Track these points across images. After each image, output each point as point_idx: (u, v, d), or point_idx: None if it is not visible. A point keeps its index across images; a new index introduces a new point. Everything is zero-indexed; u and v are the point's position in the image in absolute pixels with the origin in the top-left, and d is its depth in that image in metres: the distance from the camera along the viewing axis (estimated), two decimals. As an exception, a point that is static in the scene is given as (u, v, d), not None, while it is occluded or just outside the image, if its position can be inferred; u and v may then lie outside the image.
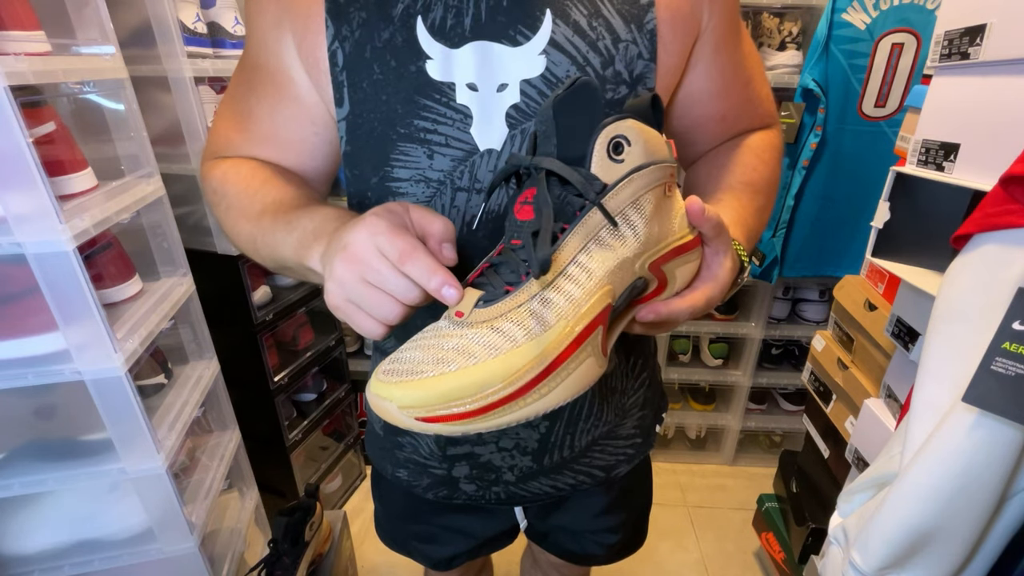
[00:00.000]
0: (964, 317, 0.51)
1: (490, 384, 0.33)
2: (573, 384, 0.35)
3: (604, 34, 0.49)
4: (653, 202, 0.40)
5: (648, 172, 0.39)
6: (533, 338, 0.34)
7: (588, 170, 0.37)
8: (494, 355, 0.33)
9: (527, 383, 0.33)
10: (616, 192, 0.38)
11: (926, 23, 1.26)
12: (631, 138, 0.38)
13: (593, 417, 0.63)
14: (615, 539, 0.75)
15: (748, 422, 1.87)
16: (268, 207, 0.51)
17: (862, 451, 0.96)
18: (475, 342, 0.34)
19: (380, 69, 0.49)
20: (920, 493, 0.49)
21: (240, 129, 0.58)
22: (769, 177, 0.59)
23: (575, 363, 0.35)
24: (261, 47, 0.54)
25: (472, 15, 0.48)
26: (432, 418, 0.33)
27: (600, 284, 0.36)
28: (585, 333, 0.35)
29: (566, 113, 0.38)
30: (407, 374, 0.34)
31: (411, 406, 0.33)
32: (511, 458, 0.63)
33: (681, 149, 0.64)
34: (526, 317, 0.35)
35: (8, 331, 0.76)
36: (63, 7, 0.84)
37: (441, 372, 0.33)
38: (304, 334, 1.59)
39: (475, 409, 0.33)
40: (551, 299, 0.35)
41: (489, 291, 0.36)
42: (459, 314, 0.36)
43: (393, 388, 0.33)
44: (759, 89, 0.61)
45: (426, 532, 0.75)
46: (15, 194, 0.68)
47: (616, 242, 0.38)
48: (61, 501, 0.94)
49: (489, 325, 0.35)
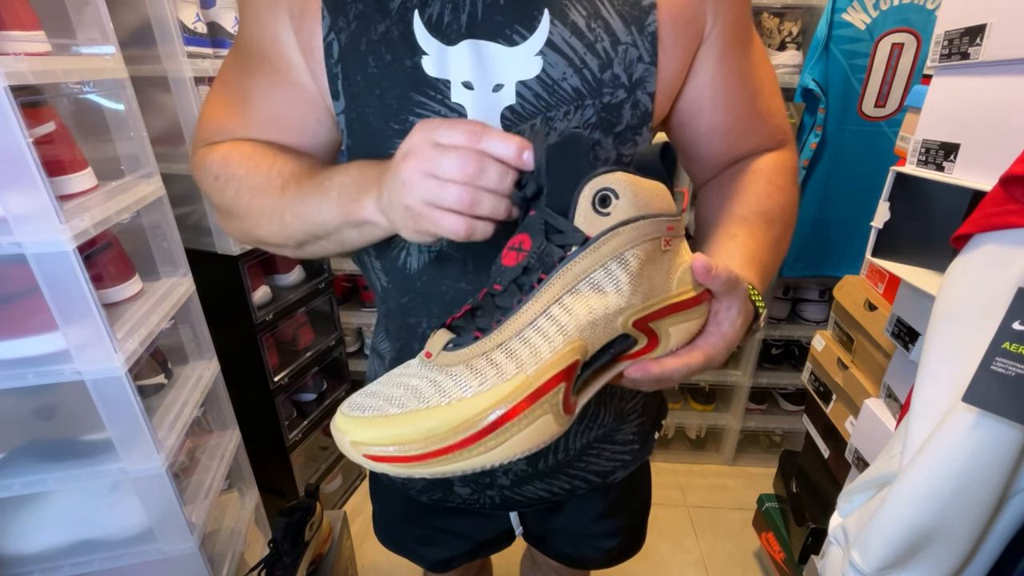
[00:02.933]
0: (964, 317, 0.51)
1: (437, 430, 0.32)
2: (525, 440, 0.34)
3: (603, 36, 0.47)
4: (642, 257, 0.38)
5: (637, 226, 0.37)
6: (489, 388, 0.33)
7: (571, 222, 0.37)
8: (446, 401, 0.33)
9: (474, 434, 0.32)
10: (598, 246, 0.36)
11: (926, 23, 1.26)
12: (619, 191, 0.37)
13: (588, 419, 0.62)
14: (613, 543, 0.75)
15: (748, 422, 1.87)
16: (289, 179, 0.50)
17: (862, 451, 0.96)
18: (432, 387, 0.33)
19: (375, 63, 0.48)
20: (920, 493, 0.49)
21: (235, 115, 0.55)
22: (784, 204, 0.55)
23: (529, 419, 0.33)
24: (257, 31, 0.52)
25: (469, 12, 0.47)
26: (378, 457, 0.32)
27: (570, 340, 0.35)
28: (544, 389, 0.34)
29: (556, 161, 0.37)
30: (366, 410, 0.34)
31: (361, 443, 0.33)
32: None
33: (687, 162, 0.62)
34: (485, 366, 0.34)
35: (8, 331, 0.76)
36: (63, 7, 0.84)
37: (395, 412, 0.33)
38: (304, 334, 1.59)
39: (418, 455, 0.32)
40: (515, 350, 0.34)
41: (460, 335, 0.36)
42: (428, 355, 0.36)
43: (348, 422, 0.34)
44: (769, 102, 0.57)
45: (423, 534, 0.74)
46: (15, 194, 0.68)
47: (595, 297, 0.36)
48: (61, 501, 0.93)
49: (447, 371, 0.34)
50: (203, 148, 0.56)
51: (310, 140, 0.56)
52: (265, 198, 0.50)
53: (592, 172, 0.37)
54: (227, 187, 0.53)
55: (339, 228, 0.47)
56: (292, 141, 0.56)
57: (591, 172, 0.37)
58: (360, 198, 0.44)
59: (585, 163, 0.37)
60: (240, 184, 0.52)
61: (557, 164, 0.37)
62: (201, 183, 0.56)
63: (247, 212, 0.52)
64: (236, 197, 0.52)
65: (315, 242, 0.50)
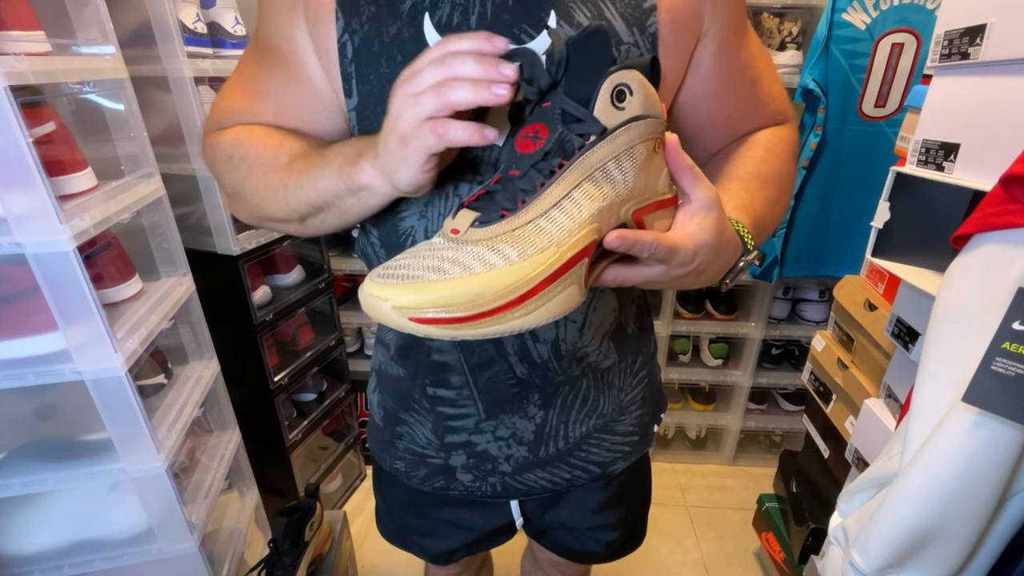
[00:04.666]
0: (964, 317, 0.51)
1: (483, 294, 0.35)
2: (556, 306, 0.38)
3: None
4: (645, 154, 0.41)
5: (645, 123, 0.40)
6: (526, 259, 0.36)
7: (591, 112, 0.39)
8: (489, 270, 0.35)
9: (516, 298, 0.36)
10: (615, 137, 0.39)
11: (926, 23, 1.26)
12: (634, 88, 0.40)
13: (588, 408, 0.63)
14: (613, 536, 0.76)
15: (748, 422, 1.87)
16: (297, 155, 0.52)
17: (862, 451, 0.96)
18: (471, 257, 0.36)
19: (387, 64, 0.50)
20: (920, 493, 0.49)
21: (249, 104, 0.58)
22: (780, 170, 0.57)
23: (560, 287, 0.37)
24: (274, 30, 0.54)
25: (478, 13, 0.49)
26: (424, 320, 0.34)
27: (590, 220, 0.38)
28: (573, 261, 0.37)
29: (578, 56, 0.39)
30: (404, 278, 0.35)
31: (406, 307, 0.34)
32: (507, 448, 0.63)
33: (691, 151, 0.63)
34: (521, 240, 0.37)
35: (8, 331, 0.76)
36: (63, 7, 0.84)
37: (438, 279, 0.35)
38: (304, 334, 1.59)
39: (466, 316, 0.35)
40: (543, 227, 0.38)
41: (485, 214, 0.39)
42: (454, 231, 0.38)
43: (389, 289, 0.35)
44: (768, 87, 0.60)
45: (425, 526, 0.75)
46: (15, 194, 0.68)
47: (607, 185, 0.40)
48: (61, 501, 0.94)
49: (485, 244, 0.37)
50: (215, 131, 0.58)
51: (320, 129, 0.58)
52: (273, 174, 0.52)
53: (613, 67, 0.39)
54: (241, 165, 0.54)
55: (339, 195, 0.48)
56: (302, 129, 0.58)
57: (612, 67, 0.39)
58: (359, 161, 0.45)
59: (607, 57, 0.40)
60: (252, 162, 0.54)
61: (579, 57, 0.39)
62: (213, 163, 0.58)
63: (255, 189, 0.54)
64: (248, 174, 0.54)
65: (317, 214, 0.51)
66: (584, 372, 0.61)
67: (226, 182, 0.57)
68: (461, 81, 0.38)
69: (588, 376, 0.62)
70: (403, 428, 0.67)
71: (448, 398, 0.62)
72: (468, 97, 0.38)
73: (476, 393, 0.60)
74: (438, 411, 0.63)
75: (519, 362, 0.58)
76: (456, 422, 0.63)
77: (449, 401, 0.62)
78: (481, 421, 0.62)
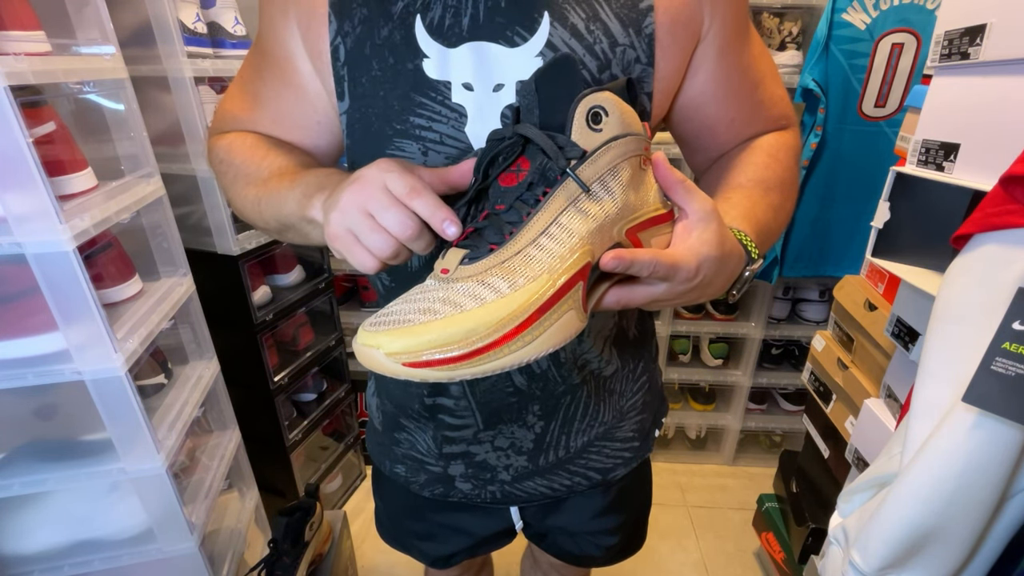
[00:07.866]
0: (964, 317, 0.51)
1: (476, 330, 0.34)
2: (555, 334, 0.37)
3: (601, 38, 0.48)
4: (629, 171, 0.41)
5: (625, 142, 0.41)
6: (518, 289, 0.36)
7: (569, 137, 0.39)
8: (480, 305, 0.35)
9: (511, 330, 0.35)
10: (595, 158, 0.40)
11: (926, 23, 1.26)
12: (608, 109, 0.40)
13: (589, 417, 0.63)
14: (613, 541, 0.75)
15: (748, 422, 1.87)
16: (275, 171, 0.53)
17: (862, 451, 0.96)
18: (461, 294, 0.36)
19: (379, 66, 0.49)
20: (920, 493, 0.49)
21: (246, 109, 0.59)
22: (783, 176, 0.56)
23: (557, 314, 0.37)
24: (270, 35, 0.54)
25: (470, 15, 0.48)
26: (419, 363, 0.34)
27: (581, 243, 0.38)
28: (566, 287, 0.37)
29: (547, 86, 0.40)
30: (394, 324, 0.35)
31: (398, 352, 0.34)
32: (506, 458, 0.63)
33: (690, 154, 0.63)
34: (511, 271, 0.37)
35: (8, 331, 0.76)
36: (63, 7, 0.84)
37: (429, 320, 0.35)
38: (304, 334, 1.58)
39: (461, 354, 0.34)
40: (533, 256, 0.38)
41: (474, 250, 0.39)
42: (444, 271, 0.38)
43: (380, 336, 0.35)
44: (771, 91, 0.59)
45: (425, 530, 0.75)
46: (15, 194, 0.68)
47: (595, 206, 0.40)
48: (61, 501, 0.93)
49: (475, 279, 0.37)
50: (216, 135, 0.61)
51: (313, 140, 0.58)
52: (252, 187, 0.53)
53: (584, 91, 0.39)
54: (228, 171, 0.57)
55: (299, 222, 0.49)
56: (296, 139, 0.59)
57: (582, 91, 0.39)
58: (314, 197, 0.46)
59: (577, 82, 0.40)
60: (237, 171, 0.56)
61: (548, 87, 0.40)
62: (211, 165, 0.61)
63: (236, 197, 0.56)
64: (233, 182, 0.56)
65: (285, 232, 0.53)
66: (585, 379, 0.61)
67: (219, 184, 0.60)
68: (407, 241, 0.41)
69: (589, 383, 0.61)
70: (402, 434, 0.67)
71: (447, 407, 0.61)
72: (397, 259, 0.42)
73: (474, 403, 0.60)
74: (438, 419, 0.63)
75: (518, 373, 0.58)
76: (454, 432, 0.63)
77: (448, 410, 0.61)
78: (479, 431, 0.62)
